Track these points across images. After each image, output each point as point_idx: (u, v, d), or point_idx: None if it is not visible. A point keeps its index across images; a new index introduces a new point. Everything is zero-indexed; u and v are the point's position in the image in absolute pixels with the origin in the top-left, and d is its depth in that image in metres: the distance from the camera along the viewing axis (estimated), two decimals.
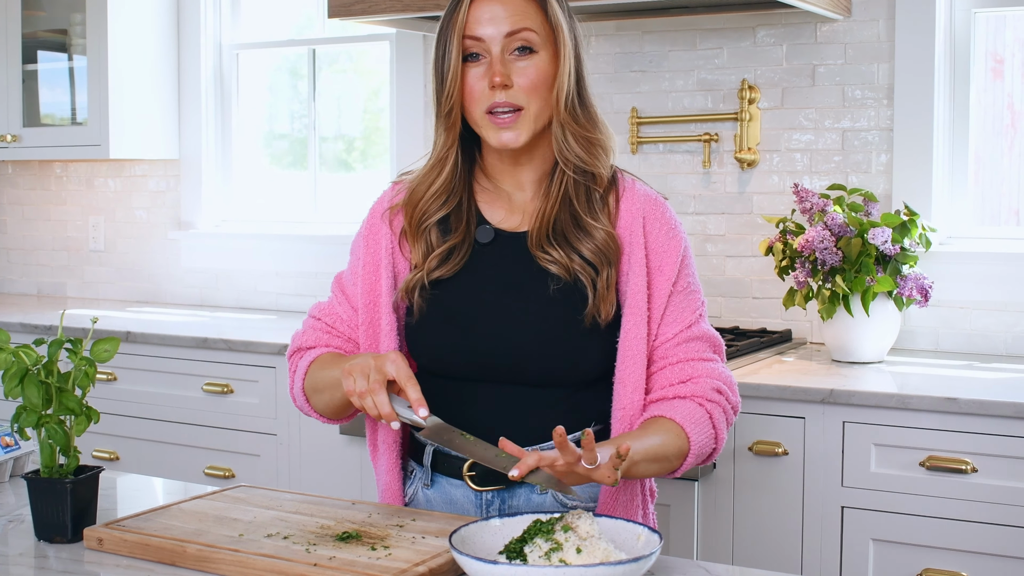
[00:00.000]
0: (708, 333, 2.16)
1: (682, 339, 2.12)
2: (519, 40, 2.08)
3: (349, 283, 2.27)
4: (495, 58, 2.07)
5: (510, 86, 2.07)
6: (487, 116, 2.09)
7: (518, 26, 2.07)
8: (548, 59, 2.10)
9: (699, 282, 2.19)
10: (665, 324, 2.12)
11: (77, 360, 1.97)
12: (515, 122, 2.08)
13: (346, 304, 2.26)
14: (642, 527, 1.78)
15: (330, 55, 4.91)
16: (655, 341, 2.12)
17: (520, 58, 2.08)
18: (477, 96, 2.09)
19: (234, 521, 1.97)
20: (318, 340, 2.26)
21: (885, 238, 3.27)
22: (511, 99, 2.07)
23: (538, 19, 2.09)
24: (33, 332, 4.37)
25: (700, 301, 2.17)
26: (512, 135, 2.09)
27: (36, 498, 1.96)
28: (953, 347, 3.62)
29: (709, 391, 2.10)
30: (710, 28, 3.92)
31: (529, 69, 2.08)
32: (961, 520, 2.87)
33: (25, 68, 5.02)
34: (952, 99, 3.67)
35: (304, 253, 4.76)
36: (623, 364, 2.10)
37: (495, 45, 2.07)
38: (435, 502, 2.18)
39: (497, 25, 2.07)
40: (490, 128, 2.09)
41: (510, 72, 2.07)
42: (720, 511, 3.15)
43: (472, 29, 2.08)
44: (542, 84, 2.09)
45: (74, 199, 5.41)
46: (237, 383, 3.98)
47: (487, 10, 2.08)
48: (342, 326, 2.25)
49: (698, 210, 3.97)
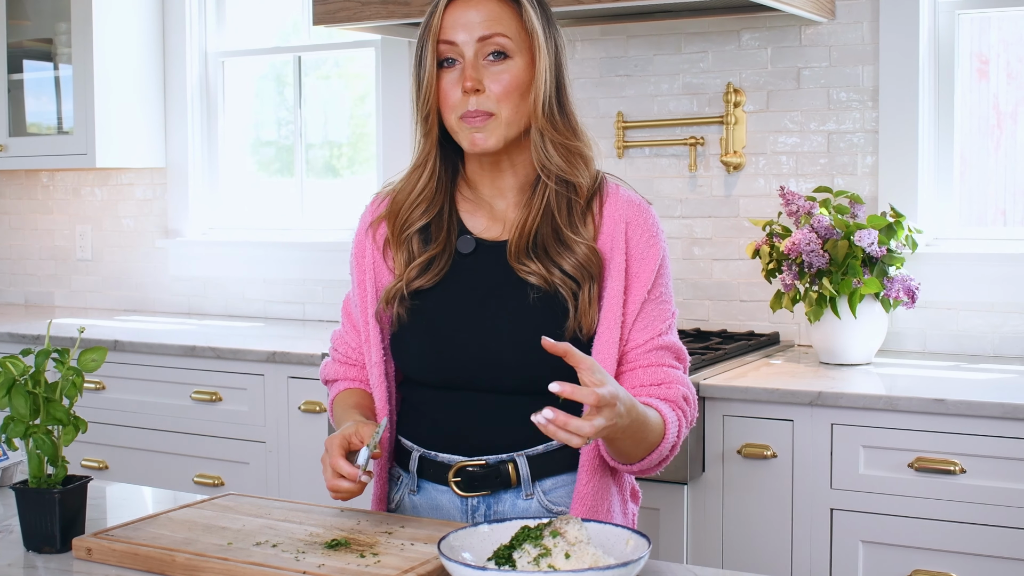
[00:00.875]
0: (676, 344, 2.16)
1: (652, 347, 2.13)
2: (492, 45, 2.08)
3: (352, 305, 2.30)
4: (468, 63, 2.08)
5: (482, 91, 2.07)
6: (460, 121, 2.09)
7: (491, 31, 2.07)
8: (524, 65, 2.10)
9: (672, 291, 2.19)
10: (636, 330, 2.12)
11: (64, 370, 1.97)
12: (485, 123, 2.08)
13: (352, 330, 2.31)
14: (631, 531, 1.78)
15: (315, 61, 4.90)
16: (625, 346, 2.12)
17: (494, 63, 2.08)
18: (451, 102, 2.09)
19: (223, 530, 1.97)
20: (338, 373, 2.34)
21: (871, 240, 3.28)
22: (482, 106, 2.07)
23: (513, 25, 2.09)
24: (20, 342, 4.36)
25: (671, 311, 2.17)
26: (482, 136, 2.09)
27: (24, 508, 1.96)
28: (940, 348, 3.63)
29: (679, 399, 2.11)
30: (695, 32, 3.93)
31: (503, 75, 2.08)
32: (950, 521, 2.88)
33: (10, 77, 5.02)
34: (937, 100, 3.68)
35: (292, 260, 4.75)
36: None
37: (468, 49, 2.07)
38: (421, 508, 2.19)
39: (470, 30, 2.07)
40: (463, 131, 2.10)
41: (482, 77, 2.07)
42: (709, 514, 3.15)
43: (446, 34, 2.08)
44: (515, 90, 2.09)
45: (61, 208, 5.40)
46: (225, 391, 3.98)
47: (461, 15, 2.08)
48: (354, 355, 2.31)
49: (684, 213, 3.97)
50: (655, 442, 2.05)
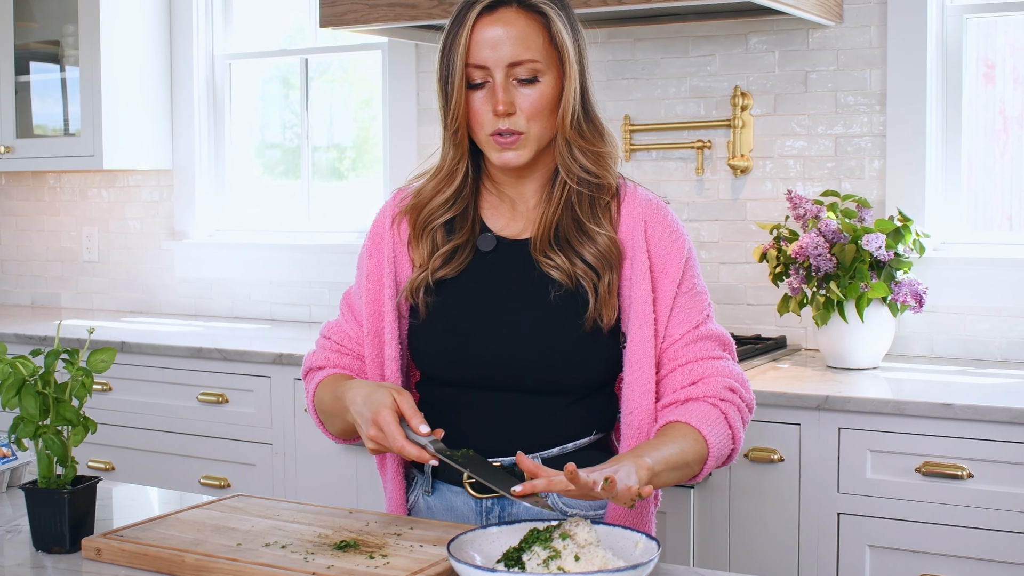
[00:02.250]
0: (716, 332, 2.15)
1: (690, 339, 2.12)
2: (522, 71, 2.07)
3: (355, 298, 2.28)
4: (498, 85, 2.07)
5: (513, 113, 2.07)
6: (490, 138, 2.09)
7: (520, 57, 2.06)
8: (552, 82, 2.09)
9: (704, 284, 2.19)
10: (672, 326, 2.12)
11: (74, 371, 1.97)
12: (516, 143, 2.09)
13: (353, 321, 2.28)
14: (640, 534, 1.78)
15: (321, 64, 4.91)
16: (663, 344, 2.12)
17: (523, 85, 2.08)
18: (481, 120, 2.09)
19: (232, 530, 1.97)
20: (327, 360, 2.28)
21: (879, 244, 3.28)
22: (514, 125, 2.08)
23: (541, 41, 2.08)
24: (28, 343, 4.36)
25: (707, 302, 2.16)
26: (513, 155, 2.10)
27: (34, 509, 1.96)
28: (948, 353, 3.62)
29: (721, 390, 2.09)
30: (702, 35, 3.93)
31: (532, 95, 2.08)
32: (958, 526, 2.88)
33: (18, 79, 5.02)
34: (944, 104, 3.67)
35: (298, 262, 4.76)
36: (631, 370, 2.10)
37: (498, 72, 2.07)
38: (436, 509, 2.19)
39: (499, 51, 2.06)
40: (493, 149, 2.10)
41: (513, 99, 2.07)
42: (716, 518, 3.15)
43: (475, 56, 2.07)
44: (545, 108, 2.09)
45: (68, 210, 5.41)
46: (232, 392, 3.98)
47: (490, 33, 2.06)
48: (351, 343, 2.28)
49: (691, 217, 3.97)
50: (700, 457, 2.03)
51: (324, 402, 2.21)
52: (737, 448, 2.11)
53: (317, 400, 2.25)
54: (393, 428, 1.94)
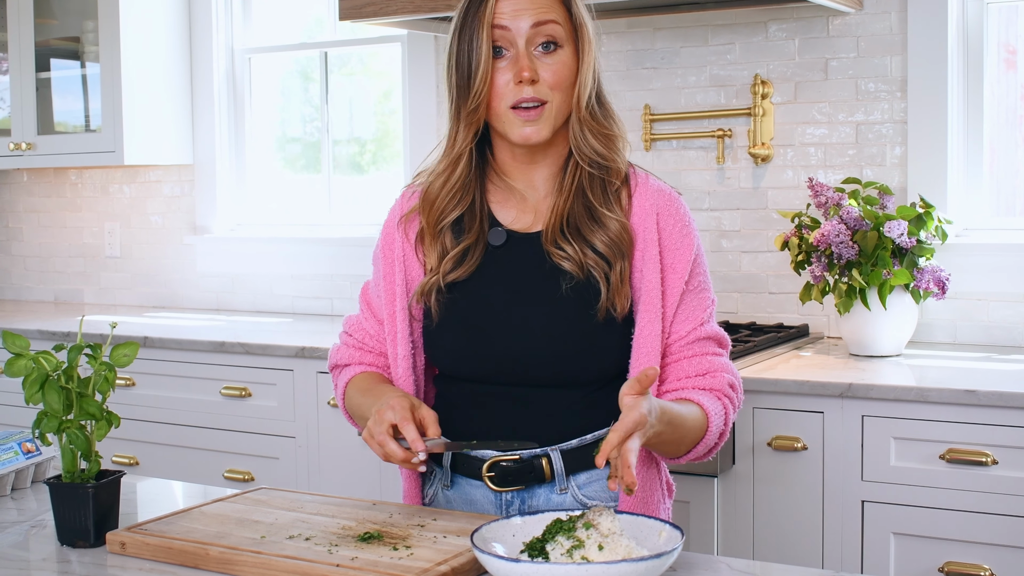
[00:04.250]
0: (717, 332, 2.18)
1: (693, 337, 2.14)
2: (544, 35, 2.07)
3: (374, 295, 2.29)
4: (521, 52, 2.06)
5: (537, 81, 2.07)
6: (511, 111, 2.08)
7: (544, 17, 2.06)
8: (571, 55, 2.10)
9: (709, 280, 2.19)
10: (678, 322, 2.13)
11: (97, 365, 1.97)
12: (539, 116, 2.07)
13: (372, 318, 2.29)
14: (664, 523, 1.78)
15: (341, 58, 4.91)
16: (668, 338, 2.13)
17: (545, 54, 2.08)
18: (502, 91, 2.08)
19: (256, 523, 1.97)
20: (351, 358, 2.31)
21: (901, 231, 3.26)
22: (538, 94, 2.07)
23: (562, 15, 2.09)
24: (51, 339, 4.38)
25: (711, 300, 2.18)
26: (534, 129, 2.08)
27: (58, 503, 1.97)
28: (971, 339, 3.61)
29: (725, 386, 2.13)
30: (721, 24, 3.92)
31: (555, 64, 2.08)
32: (982, 513, 2.87)
33: (38, 76, 5.04)
34: (966, 91, 3.66)
35: (319, 255, 4.76)
36: (637, 361, 2.10)
37: (520, 37, 2.06)
38: (455, 503, 2.19)
39: (523, 16, 2.06)
40: (514, 123, 2.08)
41: (536, 67, 2.07)
42: (740, 507, 3.15)
43: (499, 20, 2.06)
44: (565, 80, 2.09)
45: (89, 206, 5.42)
46: (255, 386, 3.99)
47: (512, 1, 2.07)
48: (371, 341, 2.29)
49: (713, 206, 3.97)
50: (698, 436, 2.06)
51: (354, 407, 2.25)
52: (721, 443, 2.14)
53: (348, 399, 2.28)
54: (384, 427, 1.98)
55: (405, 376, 2.19)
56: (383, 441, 1.97)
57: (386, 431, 1.97)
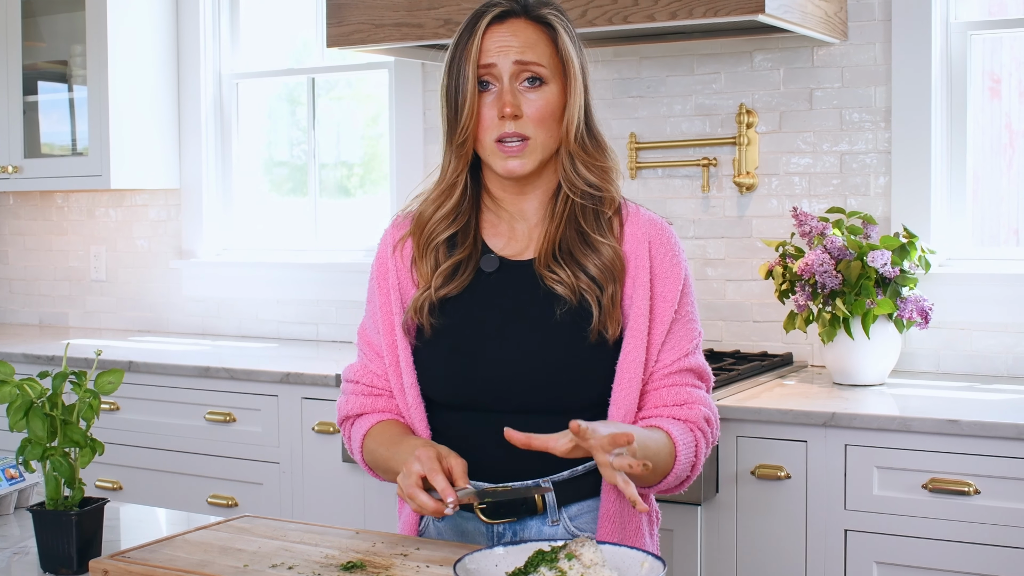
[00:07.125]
0: (699, 365, 2.18)
1: (676, 368, 2.14)
2: (528, 71, 2.10)
3: (372, 331, 2.27)
4: (505, 88, 2.09)
5: (520, 116, 2.09)
6: (495, 144, 2.10)
7: (527, 58, 2.09)
8: (557, 91, 2.12)
9: (696, 312, 2.20)
10: (664, 351, 2.14)
11: (82, 392, 1.98)
12: (522, 151, 2.10)
13: (376, 358, 2.26)
14: (646, 554, 1.78)
15: (329, 82, 4.92)
16: (653, 366, 2.14)
17: (530, 89, 2.10)
18: (487, 124, 2.11)
19: (239, 551, 1.97)
20: (363, 406, 2.26)
21: (884, 261, 3.28)
22: (520, 129, 2.09)
23: (548, 51, 2.12)
24: (36, 363, 4.38)
25: (697, 332, 2.19)
26: (518, 163, 2.10)
27: (41, 530, 1.97)
28: (954, 369, 3.62)
29: (700, 419, 2.13)
30: (707, 53, 3.94)
31: (538, 101, 2.10)
32: (965, 542, 2.87)
33: (26, 99, 5.04)
34: (949, 120, 3.68)
35: (305, 280, 4.76)
36: (619, 387, 2.11)
37: (505, 73, 2.09)
38: (446, 534, 2.19)
39: (507, 54, 2.09)
40: (497, 156, 2.11)
41: (520, 103, 2.09)
42: (723, 535, 3.15)
43: (484, 57, 2.09)
44: (550, 116, 2.11)
45: (75, 229, 5.42)
46: (239, 412, 3.99)
47: (499, 38, 2.10)
48: (380, 382, 2.26)
49: (697, 234, 3.98)
50: (667, 465, 2.06)
51: (376, 459, 2.19)
52: (692, 478, 2.14)
53: (367, 451, 2.22)
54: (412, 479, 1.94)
55: (415, 405, 2.18)
56: (412, 494, 1.93)
57: (415, 483, 1.94)
